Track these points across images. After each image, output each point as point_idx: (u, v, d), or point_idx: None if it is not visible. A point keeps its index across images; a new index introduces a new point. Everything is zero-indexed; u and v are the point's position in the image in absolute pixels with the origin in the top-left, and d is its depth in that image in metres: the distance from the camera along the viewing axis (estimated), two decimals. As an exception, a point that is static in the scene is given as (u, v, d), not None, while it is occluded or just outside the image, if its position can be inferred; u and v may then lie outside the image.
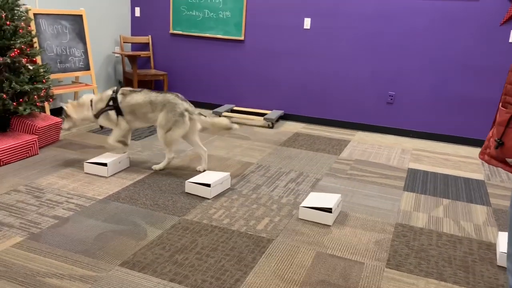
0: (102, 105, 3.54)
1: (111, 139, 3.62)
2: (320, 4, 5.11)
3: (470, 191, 3.55)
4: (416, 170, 3.98)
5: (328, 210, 2.80)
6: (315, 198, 2.96)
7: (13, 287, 2.01)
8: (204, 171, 3.63)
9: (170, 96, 3.50)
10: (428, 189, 3.54)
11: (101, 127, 3.70)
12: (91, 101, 3.58)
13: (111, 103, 3.51)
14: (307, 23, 5.21)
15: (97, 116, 3.57)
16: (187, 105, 3.50)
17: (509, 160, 1.53)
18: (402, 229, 2.82)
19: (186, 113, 3.47)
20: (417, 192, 3.47)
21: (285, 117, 5.62)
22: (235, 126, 3.59)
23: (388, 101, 5.10)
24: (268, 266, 2.31)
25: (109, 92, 3.55)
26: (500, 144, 1.54)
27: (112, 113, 3.52)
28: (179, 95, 3.54)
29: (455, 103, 4.87)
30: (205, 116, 3.57)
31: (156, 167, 3.60)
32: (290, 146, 4.47)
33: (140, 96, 3.51)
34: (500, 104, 1.59)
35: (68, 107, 3.57)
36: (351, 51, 5.12)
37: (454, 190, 3.54)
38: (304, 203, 2.89)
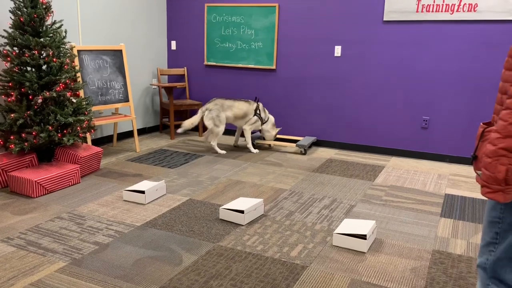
0: None
1: None
2: (350, 32, 5.18)
3: None
4: (454, 195, 3.89)
5: (363, 236, 2.78)
6: (350, 225, 2.94)
7: (56, 310, 2.10)
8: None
9: None
10: (466, 215, 3.45)
11: None
12: None
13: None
14: (337, 50, 5.28)
15: None
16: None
17: (478, 172, 1.52)
18: (439, 256, 2.76)
19: None
20: (455, 218, 3.39)
21: (317, 144, 5.64)
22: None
23: (422, 126, 5.04)
24: (302, 293, 2.31)
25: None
26: (474, 158, 1.55)
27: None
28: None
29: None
30: None
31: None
32: (323, 172, 4.47)
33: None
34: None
35: None
36: (383, 76, 5.13)
37: (494, 216, 3.43)
38: (338, 230, 2.88)
